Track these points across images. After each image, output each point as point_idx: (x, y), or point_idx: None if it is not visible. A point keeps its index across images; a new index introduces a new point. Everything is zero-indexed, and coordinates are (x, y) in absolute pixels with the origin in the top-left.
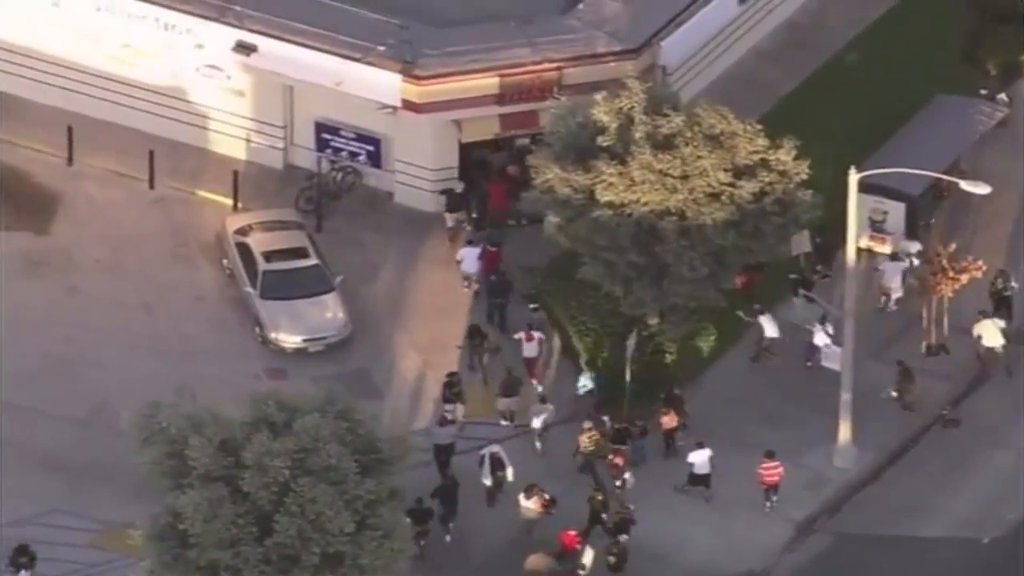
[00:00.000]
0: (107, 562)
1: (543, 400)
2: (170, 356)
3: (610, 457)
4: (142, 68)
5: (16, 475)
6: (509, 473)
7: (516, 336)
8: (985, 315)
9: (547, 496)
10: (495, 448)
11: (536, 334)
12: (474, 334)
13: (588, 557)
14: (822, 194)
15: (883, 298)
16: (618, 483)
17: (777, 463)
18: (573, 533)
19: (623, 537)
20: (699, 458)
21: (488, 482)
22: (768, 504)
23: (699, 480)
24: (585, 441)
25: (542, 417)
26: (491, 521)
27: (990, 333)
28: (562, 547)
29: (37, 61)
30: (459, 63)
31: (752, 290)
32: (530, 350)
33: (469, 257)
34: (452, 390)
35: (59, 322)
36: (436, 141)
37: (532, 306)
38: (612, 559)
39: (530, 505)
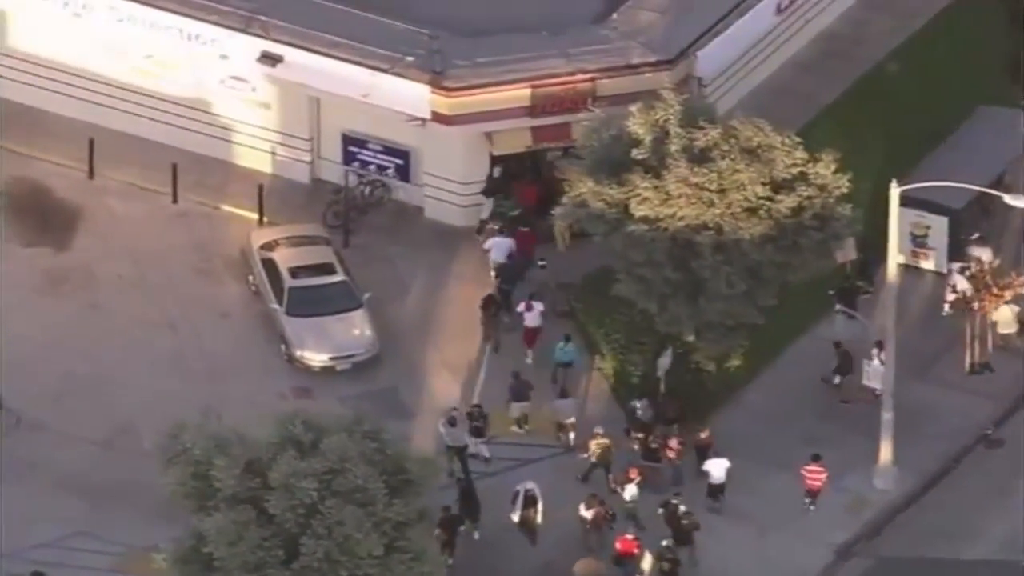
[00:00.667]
0: None
1: (564, 395)
2: (194, 375)
3: (628, 470)
4: (165, 79)
5: (37, 497)
6: (540, 512)
7: (518, 309)
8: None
9: (608, 508)
10: (530, 485)
11: (537, 304)
12: (488, 304)
13: (647, 563)
14: (862, 208)
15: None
16: (618, 490)
17: (822, 468)
18: (631, 538)
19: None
20: (716, 468)
21: (517, 519)
22: (809, 504)
23: (714, 490)
24: (593, 447)
25: (567, 412)
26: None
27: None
28: (619, 552)
29: (58, 72)
30: (490, 74)
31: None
32: (531, 320)
33: (498, 246)
34: (475, 423)
35: (80, 340)
36: (466, 154)
37: (540, 262)
38: (666, 565)
39: (588, 516)
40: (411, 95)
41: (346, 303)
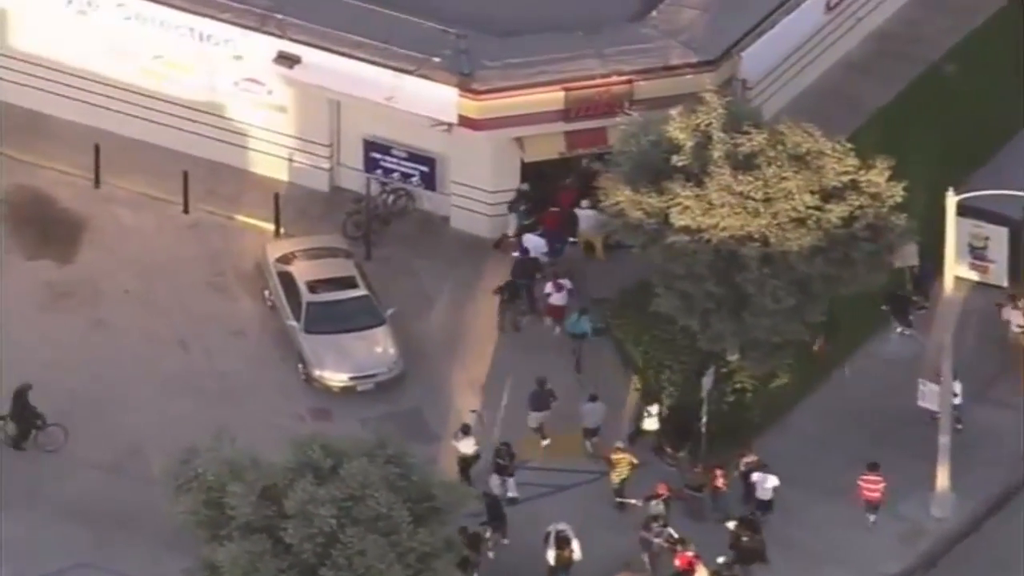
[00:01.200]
0: None
1: (593, 398)
2: (206, 396)
3: (657, 485)
4: (175, 82)
5: (39, 526)
6: (576, 549)
7: (546, 290)
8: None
9: (672, 532)
10: (561, 526)
11: (565, 283)
12: (505, 289)
13: None
14: (917, 218)
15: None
16: (634, 503)
17: (879, 477)
18: (691, 554)
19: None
20: (764, 483)
21: (552, 560)
22: (871, 519)
23: (763, 506)
24: (617, 461)
25: (593, 417)
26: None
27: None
28: (678, 569)
29: (62, 75)
30: (521, 76)
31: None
32: (558, 299)
33: (534, 244)
34: (500, 461)
35: (85, 359)
36: (496, 161)
37: (572, 240)
38: None
39: (651, 539)
40: (437, 98)
41: (368, 319)
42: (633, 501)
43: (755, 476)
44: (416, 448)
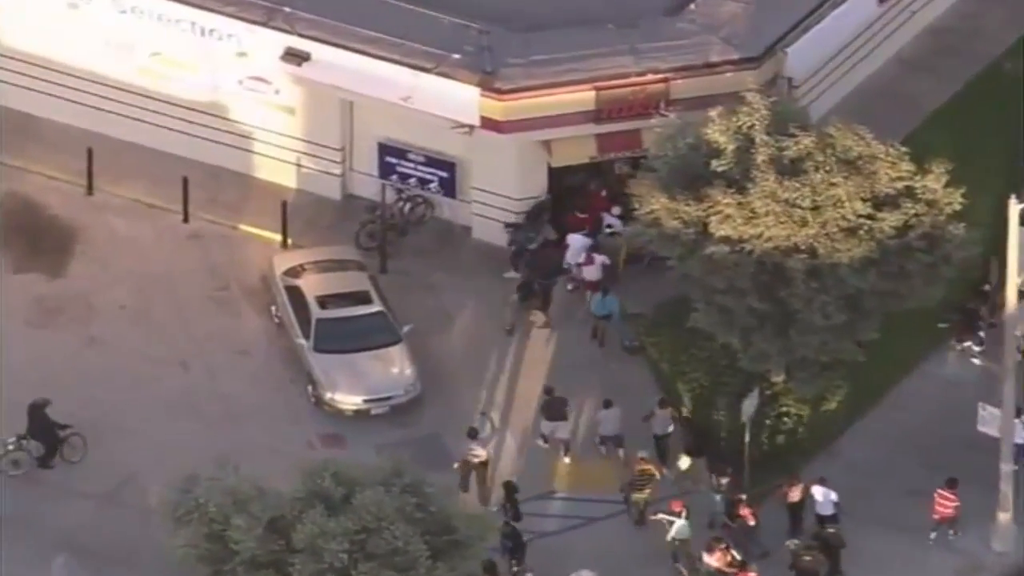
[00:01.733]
0: None
1: (608, 405)
2: (208, 420)
3: (671, 503)
4: (175, 81)
5: (27, 560)
6: None
7: (578, 260)
8: None
9: (734, 553)
10: (584, 574)
11: (599, 257)
12: (522, 288)
13: None
14: (978, 228)
15: None
16: (655, 517)
17: (953, 496)
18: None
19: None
20: (823, 495)
21: None
22: (952, 534)
23: (824, 521)
24: (639, 470)
25: (610, 424)
26: None
27: None
28: None
29: (52, 73)
30: (548, 74)
31: None
32: (591, 273)
33: (576, 244)
34: (511, 499)
35: (78, 380)
36: (521, 166)
37: (608, 228)
38: None
39: (713, 562)
40: (458, 98)
41: (383, 337)
42: (661, 515)
43: (816, 491)
44: (435, 477)
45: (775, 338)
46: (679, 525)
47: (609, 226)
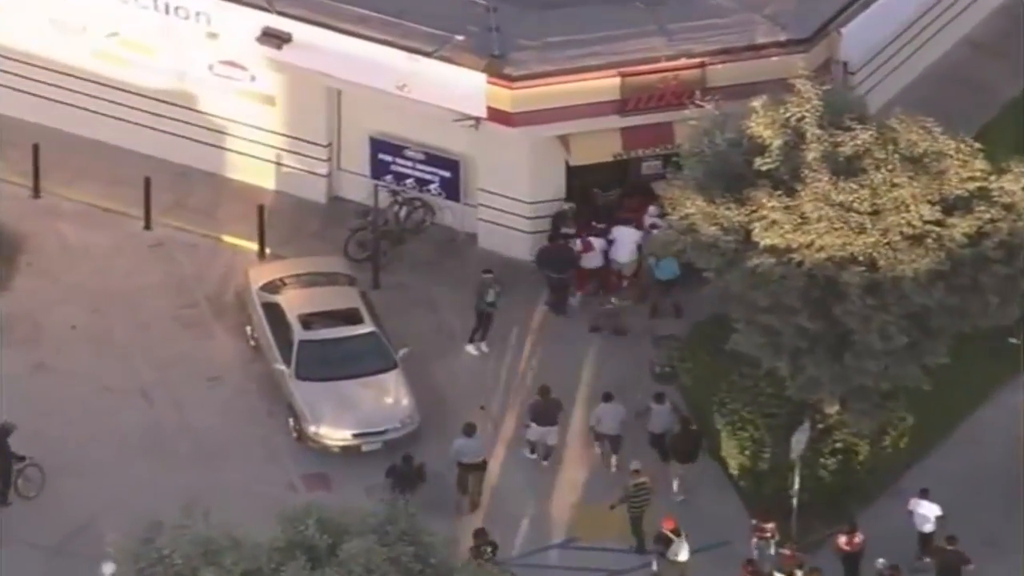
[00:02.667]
0: None
1: (607, 398)
2: (174, 458)
3: (664, 519)
4: (135, 66)
5: None
6: None
7: (575, 247)
8: None
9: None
10: None
11: (596, 242)
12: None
13: None
14: None
15: None
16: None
17: None
18: None
19: None
20: (926, 509)
21: None
22: None
23: (924, 541)
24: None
25: (610, 421)
26: None
27: None
28: None
29: None
30: (566, 58)
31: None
32: (590, 260)
33: (624, 239)
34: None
35: (23, 412)
36: (535, 165)
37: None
38: None
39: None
40: (462, 86)
41: (376, 362)
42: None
43: (912, 503)
44: (435, 523)
45: (828, 363)
46: (680, 548)
47: (653, 226)
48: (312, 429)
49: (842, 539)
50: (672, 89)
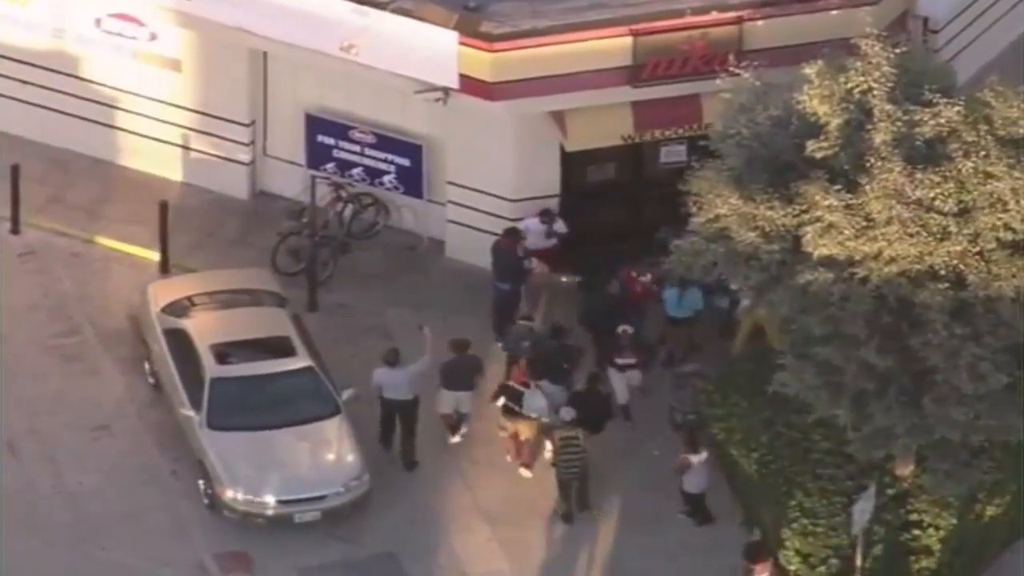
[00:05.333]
0: None
1: (530, 384)
2: (49, 532)
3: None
4: (1, 23)
5: None
6: None
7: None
8: None
9: None
10: None
11: (532, 225)
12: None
13: None
14: None
15: None
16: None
17: None
18: None
19: None
20: None
21: None
22: None
23: None
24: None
25: (537, 408)
26: None
27: None
28: None
29: None
30: (561, 11)
31: None
32: (536, 240)
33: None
34: None
35: None
36: (520, 150)
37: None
38: None
39: None
40: (426, 47)
41: (312, 406)
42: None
43: None
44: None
45: (902, 410)
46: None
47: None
48: (229, 494)
49: None
50: (700, 52)
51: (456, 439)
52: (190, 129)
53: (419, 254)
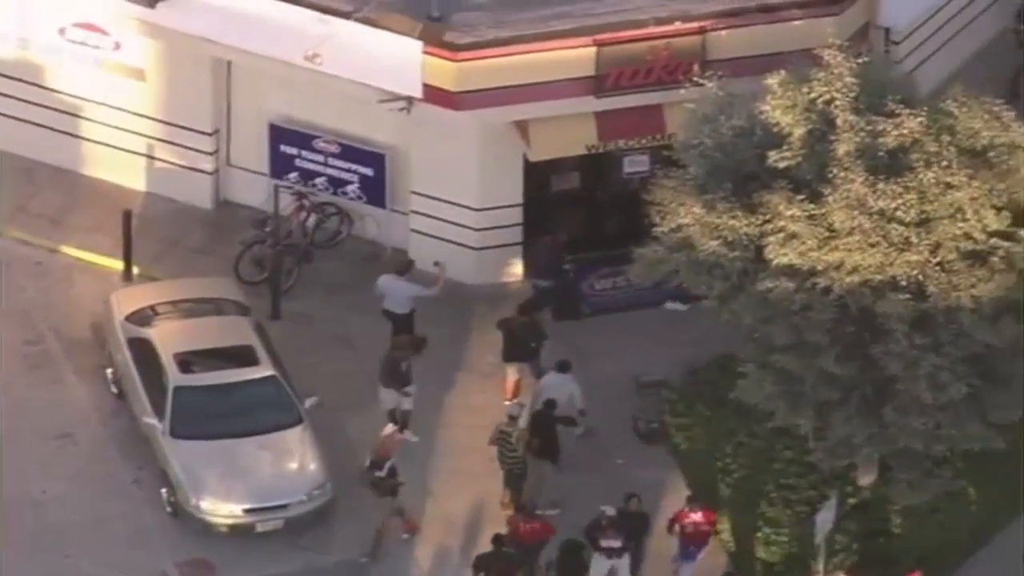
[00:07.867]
0: None
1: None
2: (12, 540)
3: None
4: None
5: None
6: None
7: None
8: None
9: None
10: None
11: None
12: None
13: None
14: None
15: None
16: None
17: None
18: None
19: None
20: None
21: None
22: None
23: None
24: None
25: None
26: None
27: None
28: None
29: None
30: (525, 21)
31: None
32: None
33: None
34: None
35: None
36: (485, 160)
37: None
38: None
39: None
40: (390, 57)
41: (274, 416)
42: None
43: None
44: None
45: (863, 419)
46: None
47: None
48: (192, 502)
49: None
50: (663, 62)
51: (385, 432)
52: (154, 138)
53: (382, 263)
